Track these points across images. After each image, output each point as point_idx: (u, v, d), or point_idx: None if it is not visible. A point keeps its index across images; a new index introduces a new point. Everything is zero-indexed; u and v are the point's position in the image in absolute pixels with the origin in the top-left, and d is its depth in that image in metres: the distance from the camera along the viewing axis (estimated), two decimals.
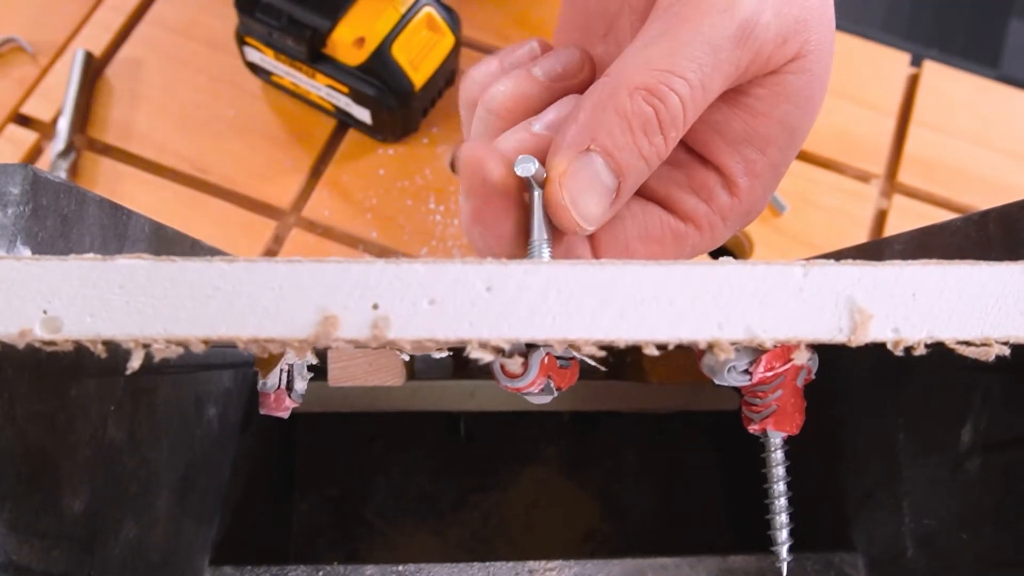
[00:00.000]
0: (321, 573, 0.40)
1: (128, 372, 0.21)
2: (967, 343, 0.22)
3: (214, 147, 0.71)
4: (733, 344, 0.22)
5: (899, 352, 0.22)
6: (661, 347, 0.22)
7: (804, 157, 0.74)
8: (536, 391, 0.28)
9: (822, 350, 0.46)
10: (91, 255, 0.21)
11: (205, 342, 0.21)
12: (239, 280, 0.21)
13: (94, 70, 0.74)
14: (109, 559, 0.29)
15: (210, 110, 0.73)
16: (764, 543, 0.41)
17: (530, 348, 0.27)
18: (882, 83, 0.78)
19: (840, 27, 0.79)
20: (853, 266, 0.22)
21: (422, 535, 0.59)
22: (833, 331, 0.22)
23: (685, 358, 0.48)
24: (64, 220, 0.26)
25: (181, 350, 0.21)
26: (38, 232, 0.24)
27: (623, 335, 0.22)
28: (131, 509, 0.31)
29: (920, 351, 0.23)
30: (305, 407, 0.54)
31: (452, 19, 0.68)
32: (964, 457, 0.33)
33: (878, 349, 0.40)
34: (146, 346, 0.21)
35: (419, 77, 0.66)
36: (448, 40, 0.67)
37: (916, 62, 0.80)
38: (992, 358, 0.22)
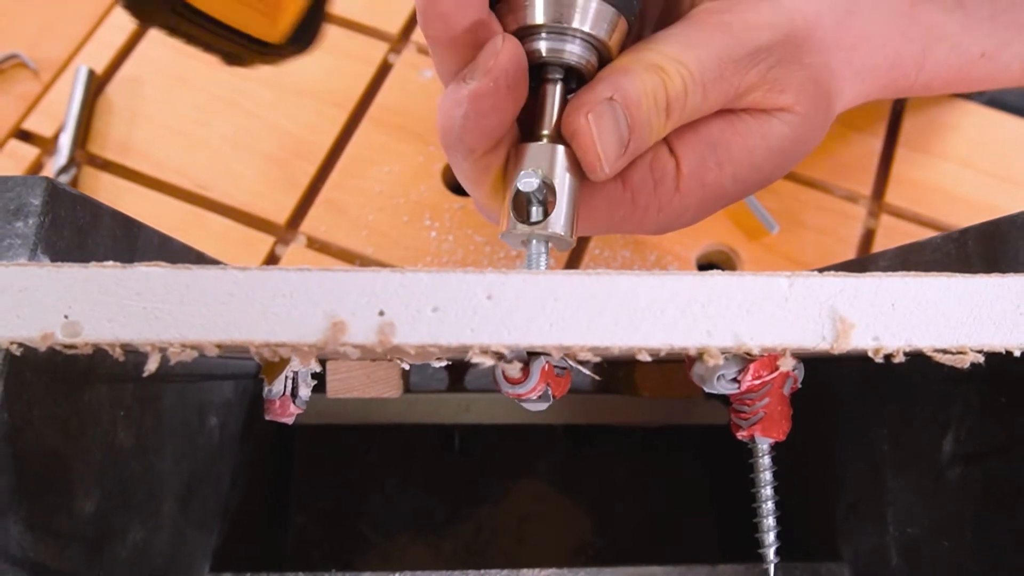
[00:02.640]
0: None
1: (145, 375, 0.22)
2: (944, 351, 0.24)
3: (213, 163, 0.72)
4: (722, 351, 0.23)
5: (879, 359, 0.24)
6: (653, 353, 0.23)
7: (793, 178, 0.75)
8: (535, 398, 0.29)
9: (809, 367, 0.47)
10: (110, 263, 0.22)
11: (219, 346, 0.22)
12: (252, 287, 0.22)
13: (95, 87, 0.75)
14: (117, 562, 0.30)
15: (209, 127, 0.74)
16: (754, 556, 0.42)
17: (531, 356, 0.28)
18: (869, 105, 0.80)
19: None
20: (836, 278, 0.23)
21: (416, 547, 0.60)
22: (817, 339, 0.23)
23: (675, 372, 0.49)
24: (80, 231, 0.27)
25: (196, 354, 0.22)
26: (56, 242, 0.25)
27: (617, 342, 0.23)
28: (138, 514, 0.32)
29: (899, 359, 0.24)
30: (302, 418, 0.54)
31: None
32: (945, 467, 0.34)
33: (862, 364, 0.41)
34: (162, 350, 0.22)
35: None
36: None
37: None
38: (967, 365, 0.24)
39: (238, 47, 0.55)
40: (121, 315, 0.22)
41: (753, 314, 0.23)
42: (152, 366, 0.22)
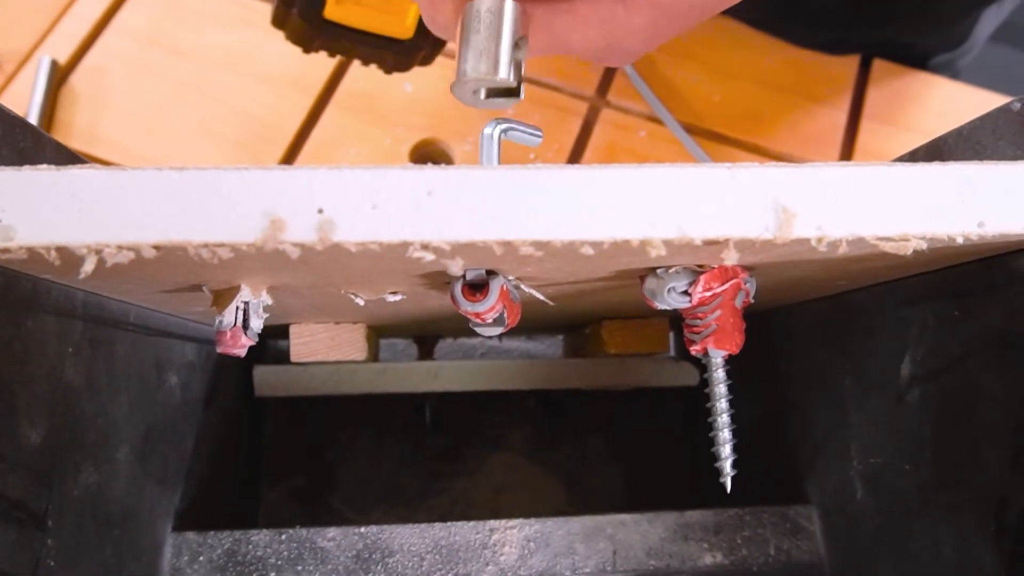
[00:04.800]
0: (284, 536, 0.41)
1: (81, 276, 0.22)
2: (887, 239, 0.24)
3: (178, 150, 0.72)
4: (664, 242, 0.23)
5: (823, 248, 0.24)
6: (596, 247, 0.23)
7: (760, 151, 0.76)
8: (490, 320, 0.29)
9: (772, 316, 0.47)
10: (44, 166, 0.22)
11: (156, 247, 0.22)
12: (189, 187, 0.22)
13: (59, 77, 0.74)
14: (68, 499, 0.29)
15: (174, 114, 0.74)
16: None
17: (490, 275, 0.28)
18: (833, 80, 0.80)
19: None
20: (777, 168, 0.23)
21: (390, 521, 0.59)
22: (760, 229, 0.23)
23: (641, 327, 0.49)
24: (20, 154, 0.27)
25: (132, 255, 0.22)
26: None
27: (559, 235, 0.23)
28: (90, 455, 0.31)
29: (843, 249, 0.24)
30: (271, 391, 0.54)
31: None
32: (904, 391, 0.34)
33: (822, 304, 0.41)
34: (98, 252, 0.22)
35: None
36: None
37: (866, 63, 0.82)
38: (910, 252, 0.24)
39: (382, 51, 0.60)
40: (56, 218, 0.22)
41: (696, 205, 0.23)
42: (89, 267, 0.22)
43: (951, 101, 0.80)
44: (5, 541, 0.25)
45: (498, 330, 0.30)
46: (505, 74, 0.32)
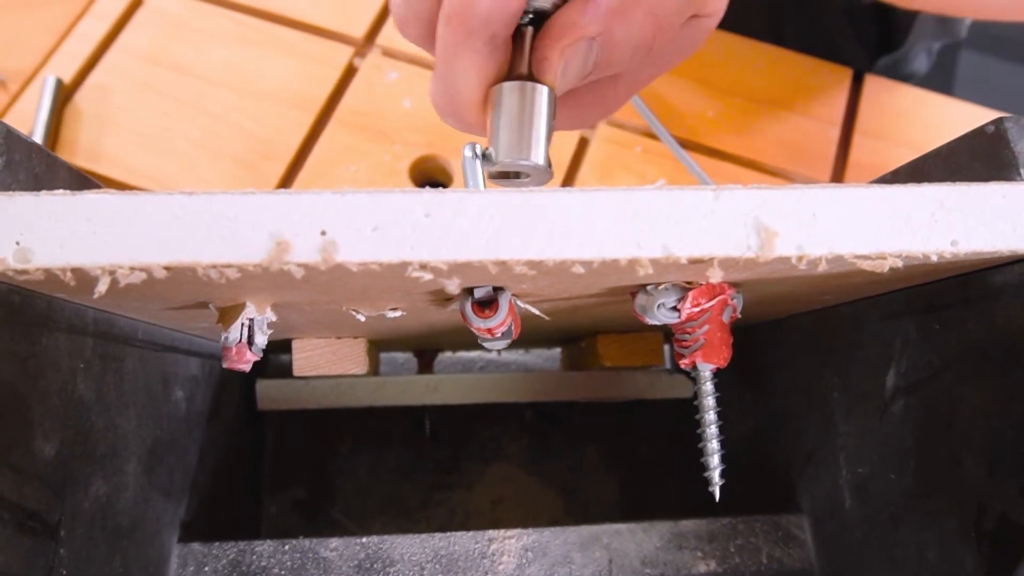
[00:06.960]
0: (288, 547, 0.42)
1: (95, 295, 0.23)
2: (864, 257, 0.25)
3: (180, 168, 0.73)
4: (651, 262, 0.24)
5: (803, 267, 0.25)
6: (586, 265, 0.24)
7: (754, 166, 0.77)
8: (499, 334, 0.30)
9: (760, 330, 0.48)
10: (60, 191, 0.23)
11: (167, 268, 0.23)
12: (198, 211, 0.23)
13: (64, 96, 0.76)
14: (79, 510, 0.30)
15: (176, 132, 0.75)
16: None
17: (497, 291, 0.29)
18: (826, 96, 0.82)
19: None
20: (759, 189, 0.25)
21: (390, 532, 0.60)
22: (743, 248, 0.24)
23: (635, 341, 0.50)
24: (36, 178, 0.28)
25: (144, 275, 0.23)
26: (11, 184, 0.26)
27: (551, 255, 0.24)
28: (100, 467, 0.32)
29: (823, 267, 0.25)
30: (272, 405, 0.55)
31: None
32: (889, 401, 0.35)
33: (808, 317, 0.42)
34: (111, 273, 0.23)
35: None
36: None
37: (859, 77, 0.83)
38: (886, 269, 0.25)
39: None
40: (71, 240, 0.23)
41: (681, 226, 0.24)
42: (102, 288, 0.23)
43: (943, 116, 0.82)
44: (21, 550, 0.26)
45: (505, 343, 0.31)
46: (540, 159, 0.34)
